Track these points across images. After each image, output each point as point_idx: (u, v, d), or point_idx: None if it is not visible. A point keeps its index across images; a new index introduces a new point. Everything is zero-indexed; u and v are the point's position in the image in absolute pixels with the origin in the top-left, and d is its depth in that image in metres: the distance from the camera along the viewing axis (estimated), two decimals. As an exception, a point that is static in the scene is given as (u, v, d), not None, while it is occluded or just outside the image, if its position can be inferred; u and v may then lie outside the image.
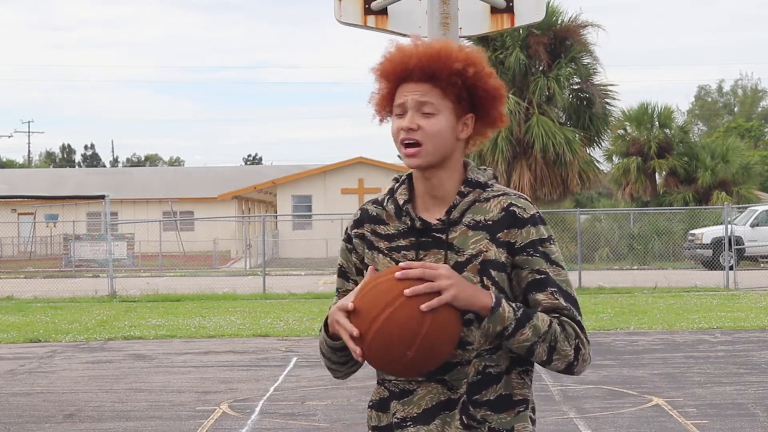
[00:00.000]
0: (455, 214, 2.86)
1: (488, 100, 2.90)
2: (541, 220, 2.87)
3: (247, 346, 15.94)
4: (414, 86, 2.86)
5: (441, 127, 2.85)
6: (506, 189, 2.91)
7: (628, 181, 46.71)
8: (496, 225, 2.84)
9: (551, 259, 2.85)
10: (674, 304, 21.40)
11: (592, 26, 35.93)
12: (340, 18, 7.38)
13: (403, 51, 2.88)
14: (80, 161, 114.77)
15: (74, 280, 32.53)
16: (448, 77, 2.84)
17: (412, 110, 2.86)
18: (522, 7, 7.40)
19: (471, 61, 2.87)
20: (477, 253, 2.83)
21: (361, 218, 2.98)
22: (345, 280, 3.01)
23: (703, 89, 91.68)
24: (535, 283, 2.83)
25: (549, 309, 2.82)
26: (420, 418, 2.84)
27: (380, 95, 2.94)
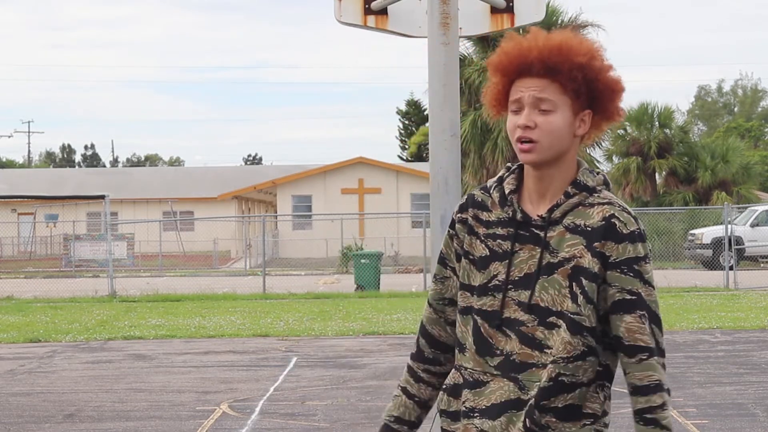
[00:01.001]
0: (557, 214, 2.82)
1: (607, 95, 2.82)
2: (641, 238, 2.80)
3: (247, 346, 15.94)
4: (532, 81, 2.79)
5: (559, 125, 2.79)
6: (613, 198, 2.84)
7: (628, 181, 46.71)
8: (595, 233, 2.78)
9: (644, 279, 2.79)
10: (674, 304, 21.40)
11: (592, 26, 35.96)
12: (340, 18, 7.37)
13: (521, 44, 2.81)
14: (80, 161, 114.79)
15: (74, 280, 32.53)
16: (569, 71, 2.77)
17: (529, 107, 2.79)
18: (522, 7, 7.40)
19: (593, 54, 2.79)
20: (570, 257, 2.78)
21: (466, 203, 2.96)
22: (443, 266, 3.00)
23: (703, 89, 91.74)
24: (624, 303, 2.78)
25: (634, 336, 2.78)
26: (487, 412, 2.82)
27: (495, 90, 2.87)
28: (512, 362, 2.81)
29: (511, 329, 2.81)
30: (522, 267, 2.82)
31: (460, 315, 2.92)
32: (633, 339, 2.77)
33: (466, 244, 2.92)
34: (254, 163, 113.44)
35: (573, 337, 2.76)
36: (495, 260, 2.86)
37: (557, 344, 2.77)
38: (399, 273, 36.11)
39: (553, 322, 2.77)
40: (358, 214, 45.43)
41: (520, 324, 2.81)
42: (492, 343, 2.84)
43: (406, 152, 79.43)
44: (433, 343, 3.01)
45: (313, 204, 48.52)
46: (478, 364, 2.85)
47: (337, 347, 15.47)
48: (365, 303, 22.97)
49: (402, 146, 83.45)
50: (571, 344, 2.76)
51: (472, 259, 2.90)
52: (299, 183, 49.42)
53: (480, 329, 2.85)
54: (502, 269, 2.84)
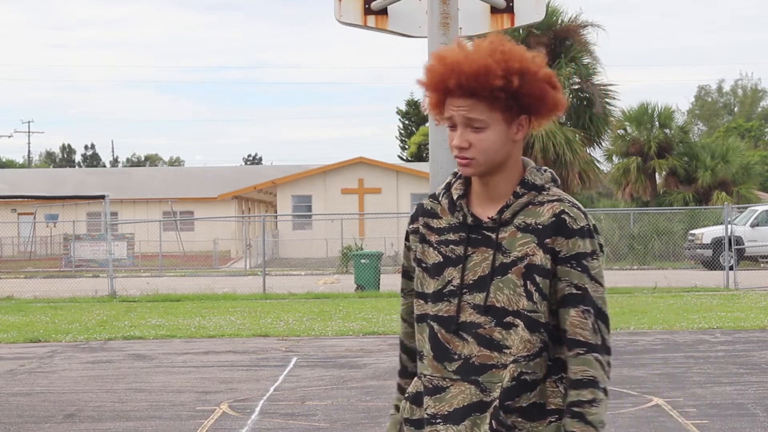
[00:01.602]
0: (507, 215, 2.84)
1: (538, 97, 2.83)
2: (590, 234, 2.82)
3: (247, 346, 15.93)
4: (459, 101, 2.81)
5: (492, 140, 2.81)
6: (562, 195, 2.87)
7: (628, 181, 46.72)
8: (545, 230, 2.81)
9: (591, 275, 2.82)
10: (674, 304, 21.40)
11: (592, 26, 35.97)
12: (340, 18, 7.38)
13: (444, 66, 2.81)
14: (80, 161, 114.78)
15: (74, 280, 32.53)
16: (491, 93, 2.78)
17: (461, 126, 2.82)
18: (522, 7, 7.40)
19: (511, 71, 2.78)
20: (523, 255, 2.81)
21: (416, 213, 2.98)
22: (408, 279, 3.02)
23: (703, 89, 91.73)
24: (571, 297, 2.81)
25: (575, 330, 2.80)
26: (450, 417, 2.83)
27: (431, 104, 2.90)
28: (471, 365, 2.81)
29: (468, 332, 2.82)
30: (476, 270, 2.84)
31: (416, 323, 2.93)
32: (574, 333, 2.81)
33: (419, 252, 2.94)
34: (254, 163, 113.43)
35: (531, 334, 2.79)
36: (449, 266, 2.87)
37: (516, 343, 2.78)
38: (399, 273, 36.05)
39: (510, 322, 2.79)
40: (358, 214, 45.43)
41: (477, 326, 2.82)
42: (449, 348, 2.84)
43: (406, 152, 79.43)
44: (414, 357, 3.02)
45: (313, 204, 48.52)
46: (437, 370, 2.86)
47: (337, 347, 15.47)
48: (365, 303, 22.97)
49: (402, 146, 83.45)
50: (531, 342, 2.79)
51: (424, 267, 2.92)
52: (299, 183, 49.42)
53: (437, 335, 2.86)
54: (456, 274, 2.85)
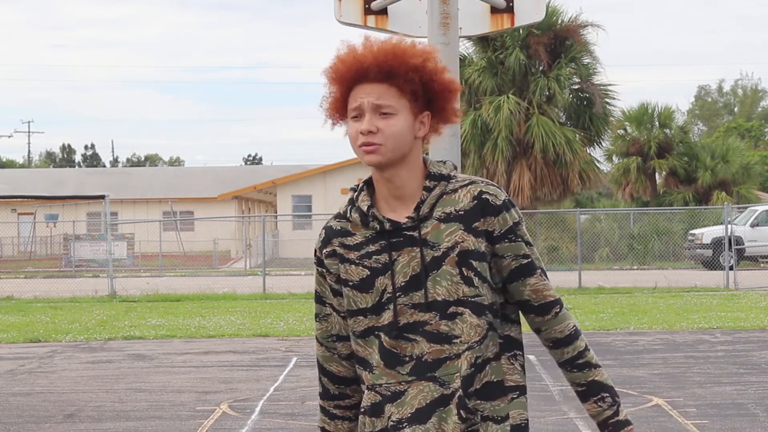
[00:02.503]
0: (425, 210, 2.84)
1: (444, 96, 2.87)
2: (512, 204, 2.87)
3: (247, 346, 15.94)
4: (370, 87, 2.82)
5: (400, 127, 2.82)
6: (471, 177, 2.89)
7: (628, 181, 46.70)
8: (469, 214, 2.83)
9: (527, 241, 2.88)
10: (674, 304, 21.40)
11: (592, 26, 35.95)
12: (340, 18, 7.38)
13: (356, 51, 2.85)
14: (80, 161, 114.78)
15: (74, 280, 32.52)
16: (405, 73, 2.81)
17: (370, 112, 2.82)
18: (522, 7, 7.40)
19: (427, 56, 2.84)
20: (453, 245, 2.81)
21: (327, 236, 2.96)
22: (322, 305, 3.01)
23: (703, 89, 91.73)
24: (521, 268, 2.86)
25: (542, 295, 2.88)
26: (415, 418, 2.82)
27: (333, 99, 2.90)
28: (425, 363, 2.82)
29: (415, 333, 2.82)
30: (406, 271, 2.83)
31: (360, 339, 2.91)
32: (542, 297, 2.87)
33: (342, 272, 2.92)
34: (254, 163, 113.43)
35: (479, 318, 2.81)
36: (378, 276, 2.86)
37: (466, 330, 2.80)
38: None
39: (454, 312, 2.80)
40: (358, 214, 45.39)
41: (422, 325, 2.82)
42: (398, 353, 2.84)
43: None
44: (335, 379, 3.02)
45: (313, 204, 48.53)
46: (391, 376, 2.85)
47: (337, 347, 15.46)
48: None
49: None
50: (480, 326, 2.81)
51: (352, 285, 2.90)
52: (299, 183, 49.42)
53: (383, 344, 2.86)
54: (387, 281, 2.85)
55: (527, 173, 34.68)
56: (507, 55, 34.73)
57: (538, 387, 11.26)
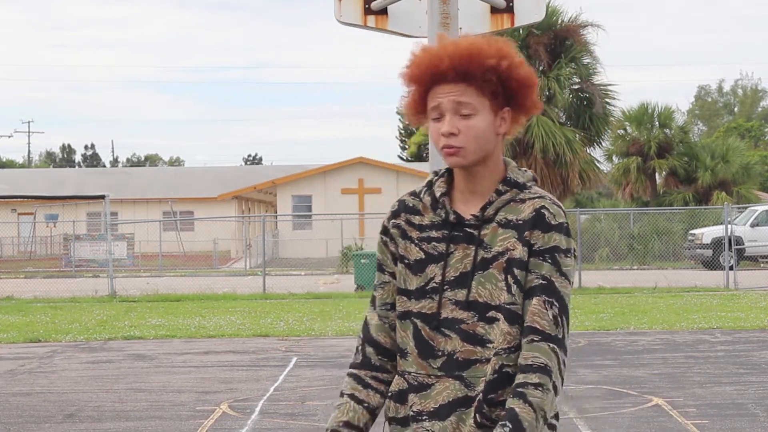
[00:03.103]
0: (489, 212, 2.85)
1: (522, 90, 2.86)
2: (567, 231, 2.84)
3: (247, 346, 15.94)
4: (449, 87, 2.81)
5: (481, 127, 2.82)
6: (544, 193, 2.89)
7: (628, 181, 46.71)
8: (525, 224, 2.83)
9: (562, 270, 2.82)
10: (674, 304, 21.40)
11: (592, 26, 35.93)
12: (340, 18, 7.37)
13: (432, 53, 2.83)
14: (80, 161, 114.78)
15: (74, 280, 32.52)
16: (483, 74, 2.80)
17: (450, 113, 2.82)
18: (522, 7, 7.40)
19: (503, 54, 2.83)
20: (504, 250, 2.82)
21: (398, 209, 2.98)
22: (381, 272, 3.01)
23: (703, 89, 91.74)
24: (536, 287, 2.81)
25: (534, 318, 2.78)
26: (436, 413, 2.83)
27: (411, 100, 2.89)
28: (455, 361, 2.82)
29: (451, 329, 2.83)
30: (457, 267, 2.85)
31: (399, 320, 2.93)
32: (532, 321, 2.78)
33: (401, 248, 2.94)
34: (254, 163, 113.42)
35: (511, 327, 2.79)
36: (431, 263, 2.88)
37: (497, 336, 2.79)
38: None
39: (492, 317, 2.80)
40: (358, 214, 45.43)
41: (459, 322, 2.83)
42: (433, 345, 2.85)
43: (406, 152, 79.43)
44: (380, 350, 3.00)
45: (313, 204, 48.52)
46: (422, 367, 2.86)
47: (337, 347, 15.47)
48: (365, 303, 22.95)
49: (402, 146, 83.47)
50: (511, 334, 2.79)
51: (407, 263, 2.92)
52: (299, 183, 49.42)
53: (420, 332, 2.86)
54: (438, 271, 2.86)
55: (527, 173, 34.67)
56: (507, 55, 34.72)
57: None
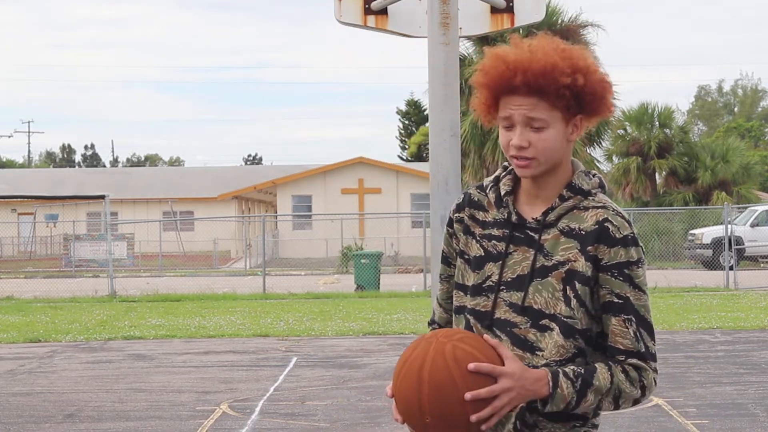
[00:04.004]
0: (551, 217, 2.82)
1: (596, 99, 2.82)
2: (634, 242, 2.80)
3: (247, 346, 15.94)
4: (521, 100, 2.77)
5: (553, 140, 2.78)
6: (608, 202, 2.85)
7: (628, 181, 46.70)
8: (588, 237, 2.79)
9: (635, 284, 2.79)
10: (674, 304, 21.40)
11: (592, 26, 35.93)
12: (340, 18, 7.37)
13: (506, 62, 2.78)
14: (80, 161, 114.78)
15: (74, 280, 32.53)
16: (557, 91, 2.75)
17: (521, 126, 2.78)
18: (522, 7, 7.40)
19: (577, 69, 2.77)
20: (565, 261, 2.79)
21: (463, 202, 2.96)
22: (447, 265, 3.00)
23: (703, 89, 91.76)
24: (612, 305, 2.78)
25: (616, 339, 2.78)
26: None
27: (483, 103, 2.86)
28: None
29: (502, 330, 2.81)
30: (515, 269, 2.83)
31: (454, 314, 2.93)
32: (614, 341, 2.79)
33: (462, 243, 2.93)
34: (254, 163, 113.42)
35: (566, 340, 2.77)
36: (489, 261, 2.86)
37: (549, 347, 2.77)
38: (399, 273, 36.11)
39: (545, 325, 2.77)
40: (358, 214, 45.44)
41: (512, 325, 2.81)
42: None
43: (406, 152, 79.44)
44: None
45: (313, 204, 48.51)
46: None
47: (337, 347, 15.47)
48: (365, 303, 22.96)
49: (402, 146, 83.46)
50: (564, 347, 2.77)
51: (467, 258, 2.91)
52: (299, 183, 49.41)
53: (473, 329, 2.85)
54: (496, 270, 2.85)
55: (527, 173, 34.68)
56: (507, 55, 34.72)
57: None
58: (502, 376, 2.64)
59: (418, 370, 2.66)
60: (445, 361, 2.65)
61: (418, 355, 2.68)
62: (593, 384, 2.72)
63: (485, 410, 2.63)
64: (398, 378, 2.71)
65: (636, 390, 2.78)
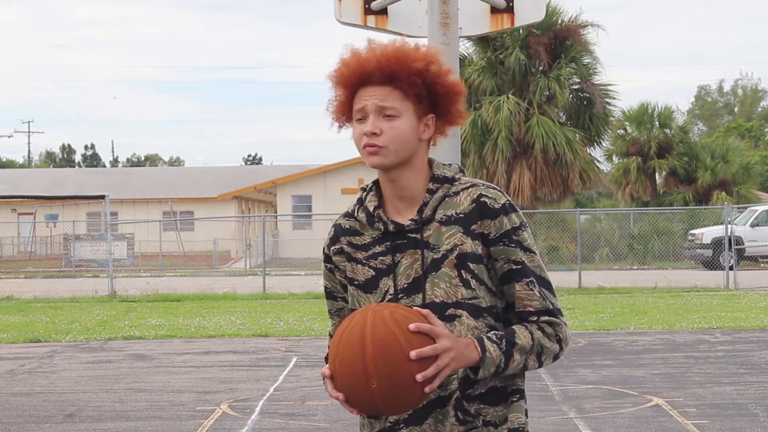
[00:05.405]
0: (427, 212, 2.86)
1: (448, 98, 2.88)
2: (512, 208, 2.86)
3: (247, 346, 15.94)
4: (374, 90, 2.84)
5: (403, 129, 2.84)
6: (474, 180, 2.90)
7: (628, 181, 46.71)
8: (468, 217, 2.83)
9: (524, 247, 2.85)
10: (674, 304, 21.40)
11: (592, 26, 35.96)
12: (340, 18, 7.38)
13: (359, 55, 2.87)
14: (80, 161, 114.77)
15: (74, 280, 32.52)
16: (408, 77, 2.82)
17: (374, 114, 2.85)
18: (522, 7, 7.40)
19: (430, 59, 2.86)
20: (452, 247, 2.82)
21: (336, 235, 3.01)
22: (333, 300, 3.05)
23: (703, 89, 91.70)
24: (511, 273, 2.83)
25: (524, 303, 2.83)
26: (411, 420, 2.83)
27: (338, 102, 2.92)
28: None
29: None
30: (408, 273, 2.85)
31: None
32: (522, 306, 2.84)
33: (349, 271, 2.95)
34: (254, 163, 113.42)
35: (476, 321, 2.81)
36: (382, 276, 2.89)
37: (463, 332, 2.79)
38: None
39: (452, 314, 2.80)
40: (358, 214, 45.40)
41: None
42: None
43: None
44: None
45: (313, 204, 48.53)
46: None
47: (337, 347, 15.46)
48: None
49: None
50: (477, 328, 2.80)
51: (357, 284, 2.93)
52: (299, 183, 49.42)
53: None
54: (390, 282, 2.87)
55: (527, 173, 34.69)
56: (507, 55, 34.73)
57: (538, 387, 11.26)
58: (441, 337, 2.67)
59: (360, 333, 2.67)
60: (386, 322, 2.67)
61: (358, 321, 2.70)
62: (516, 343, 2.78)
63: (430, 369, 2.65)
64: (338, 349, 2.71)
65: (554, 344, 2.83)
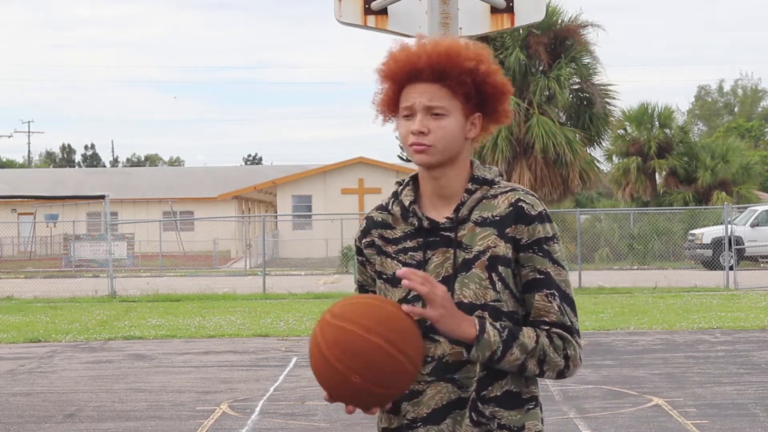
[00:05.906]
0: (464, 212, 2.85)
1: (496, 97, 2.88)
2: (548, 218, 2.85)
3: (247, 346, 15.94)
4: (422, 87, 2.83)
5: (451, 128, 2.83)
6: (514, 185, 2.89)
7: (628, 181, 46.71)
8: (504, 220, 2.82)
9: (553, 258, 2.83)
10: (674, 304, 21.40)
11: (592, 26, 35.94)
12: (340, 18, 7.38)
13: (410, 51, 2.84)
14: (80, 161, 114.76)
15: (74, 280, 32.52)
16: (459, 76, 2.81)
17: (422, 113, 2.83)
18: (522, 7, 7.40)
19: (480, 58, 2.84)
20: (485, 249, 2.81)
21: (368, 226, 2.98)
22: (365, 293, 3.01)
23: (703, 89, 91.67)
24: (534, 282, 2.82)
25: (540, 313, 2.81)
26: (430, 419, 2.83)
27: (385, 96, 2.90)
28: (445, 364, 2.81)
29: (438, 333, 2.80)
30: (438, 271, 2.84)
31: None
32: (538, 316, 2.82)
33: (378, 264, 2.93)
34: (254, 163, 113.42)
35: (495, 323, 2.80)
36: None
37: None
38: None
39: (480, 316, 2.79)
40: (358, 214, 45.40)
41: None
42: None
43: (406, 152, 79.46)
44: None
45: (313, 204, 48.52)
46: None
47: (337, 347, 15.46)
48: (365, 303, 22.94)
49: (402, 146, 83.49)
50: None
51: (386, 278, 2.91)
52: (299, 183, 49.42)
53: None
54: None
55: (527, 173, 34.68)
56: (507, 55, 34.72)
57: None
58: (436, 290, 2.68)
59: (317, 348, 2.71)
60: (330, 323, 2.70)
61: (311, 338, 2.74)
62: (519, 338, 2.75)
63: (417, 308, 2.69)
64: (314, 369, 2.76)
65: (560, 358, 2.80)
